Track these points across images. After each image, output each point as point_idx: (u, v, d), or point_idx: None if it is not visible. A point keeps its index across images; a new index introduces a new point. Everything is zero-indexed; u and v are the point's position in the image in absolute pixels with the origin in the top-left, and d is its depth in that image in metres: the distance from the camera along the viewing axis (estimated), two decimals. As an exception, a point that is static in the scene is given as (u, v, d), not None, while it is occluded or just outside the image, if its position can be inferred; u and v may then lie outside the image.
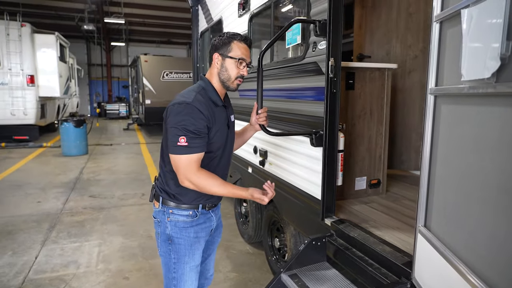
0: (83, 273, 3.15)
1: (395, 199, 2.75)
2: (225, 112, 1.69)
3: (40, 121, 10.37)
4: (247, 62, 1.63)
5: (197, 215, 1.69)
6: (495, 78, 0.92)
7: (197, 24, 5.58)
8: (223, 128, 1.66)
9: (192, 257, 1.70)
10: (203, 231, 1.73)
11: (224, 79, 1.63)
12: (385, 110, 2.74)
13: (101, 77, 22.94)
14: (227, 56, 1.60)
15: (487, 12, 0.94)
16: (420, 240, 1.40)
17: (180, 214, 1.67)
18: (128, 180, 6.39)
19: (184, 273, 1.70)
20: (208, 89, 1.63)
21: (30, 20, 10.88)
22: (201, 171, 1.52)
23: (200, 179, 1.50)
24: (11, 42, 9.37)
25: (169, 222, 1.67)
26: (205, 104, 1.55)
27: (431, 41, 1.33)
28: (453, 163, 1.21)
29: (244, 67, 1.63)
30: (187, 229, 1.68)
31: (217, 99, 1.63)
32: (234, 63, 1.60)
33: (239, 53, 1.60)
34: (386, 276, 1.72)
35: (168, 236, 1.68)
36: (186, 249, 1.68)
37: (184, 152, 1.48)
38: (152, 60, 12.86)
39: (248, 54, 1.64)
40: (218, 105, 1.63)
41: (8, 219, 4.40)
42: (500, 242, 0.94)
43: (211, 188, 1.51)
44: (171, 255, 1.69)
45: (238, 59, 1.60)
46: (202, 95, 1.59)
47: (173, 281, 1.71)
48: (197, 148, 1.50)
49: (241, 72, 1.63)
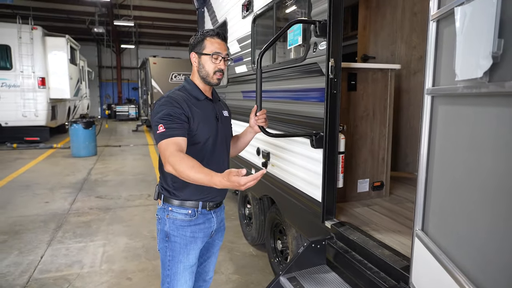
0: (87, 273, 3.17)
1: (398, 201, 2.70)
2: (211, 105, 1.74)
3: (51, 122, 10.56)
4: (222, 55, 1.66)
5: (196, 214, 1.70)
6: (488, 77, 0.89)
7: (203, 26, 5.61)
8: (209, 121, 1.68)
9: (186, 257, 1.70)
10: (201, 232, 1.72)
11: (203, 75, 1.68)
12: (388, 112, 2.70)
13: (111, 79, 23.25)
14: (202, 53, 1.66)
15: (480, 9, 0.91)
16: (417, 244, 1.37)
17: (178, 212, 1.68)
18: (135, 181, 6.44)
19: (177, 272, 1.70)
20: (189, 87, 1.70)
21: (42, 24, 11.10)
22: (180, 153, 1.46)
23: (176, 158, 1.41)
24: (23, 45, 9.57)
25: (167, 219, 1.69)
26: (183, 98, 1.62)
27: (428, 41, 1.30)
28: (449, 166, 1.18)
29: (221, 61, 1.66)
30: (184, 228, 1.68)
31: (199, 93, 1.69)
32: (210, 59, 1.65)
33: (213, 48, 1.64)
34: (385, 280, 1.69)
35: (166, 233, 1.70)
36: (181, 248, 1.69)
37: (163, 138, 1.50)
38: (161, 62, 12.98)
39: (222, 48, 1.67)
40: (200, 99, 1.68)
41: (16, 219, 4.47)
42: (495, 247, 0.91)
43: (185, 170, 1.39)
44: (167, 252, 1.71)
45: (212, 54, 1.64)
46: (183, 91, 1.67)
47: (167, 278, 1.72)
48: (174, 130, 1.51)
49: (218, 66, 1.66)
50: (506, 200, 0.87)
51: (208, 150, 1.68)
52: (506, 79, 0.84)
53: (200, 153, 1.65)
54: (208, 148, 1.68)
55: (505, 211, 0.87)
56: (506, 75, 0.84)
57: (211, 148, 1.69)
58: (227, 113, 1.87)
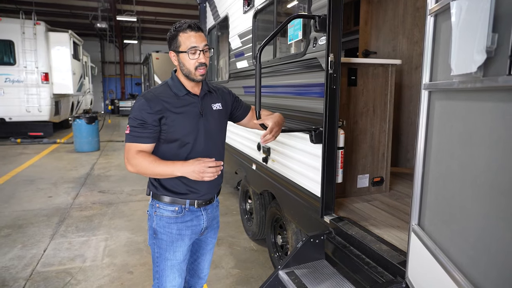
0: (89, 266, 3.21)
1: (398, 197, 2.70)
2: (194, 101, 1.65)
3: (54, 117, 10.60)
4: (200, 48, 1.55)
5: (183, 211, 1.67)
6: (482, 72, 0.89)
7: (204, 21, 5.60)
8: (188, 117, 1.61)
9: (173, 254, 1.69)
10: (188, 229, 1.69)
11: (186, 73, 1.59)
12: (389, 107, 2.69)
13: (115, 75, 23.30)
14: (178, 51, 1.56)
15: (475, 3, 0.91)
16: (413, 239, 1.37)
17: (165, 209, 1.66)
18: (137, 176, 6.46)
19: (165, 269, 1.70)
20: (171, 83, 1.64)
21: (45, 19, 11.13)
22: (140, 153, 1.55)
23: (136, 160, 1.53)
24: (26, 41, 9.59)
25: (155, 216, 1.68)
26: (160, 95, 1.58)
27: (426, 35, 1.30)
28: (445, 161, 1.18)
29: (200, 55, 1.55)
30: (170, 225, 1.67)
31: (180, 89, 1.62)
32: (187, 55, 1.54)
33: (188, 43, 1.53)
34: (382, 275, 1.69)
35: (154, 230, 1.70)
36: (167, 245, 1.67)
37: (127, 140, 1.57)
38: (163, 57, 12.99)
39: (199, 40, 1.55)
40: (180, 96, 1.61)
41: (20, 213, 4.51)
42: (486, 242, 0.92)
43: (146, 168, 1.53)
44: (155, 249, 1.71)
45: (188, 50, 1.54)
46: (165, 86, 1.64)
47: (156, 274, 1.73)
48: (138, 138, 1.55)
49: (199, 61, 1.56)
50: (498, 195, 0.87)
51: (189, 147, 1.62)
52: (500, 73, 0.83)
53: (180, 148, 1.61)
54: (190, 145, 1.62)
55: (497, 206, 0.87)
56: (500, 69, 0.83)
57: (192, 146, 1.62)
58: (220, 105, 1.75)
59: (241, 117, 1.93)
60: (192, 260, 1.92)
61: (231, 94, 1.89)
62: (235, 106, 1.89)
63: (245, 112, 1.93)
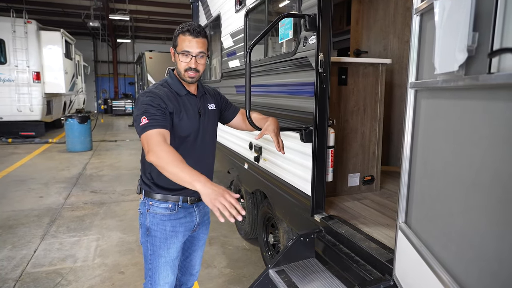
0: (80, 267, 3.18)
1: (388, 195, 2.72)
2: (195, 100, 1.70)
3: (46, 117, 10.50)
4: (193, 54, 1.57)
5: (177, 208, 1.69)
6: (464, 70, 0.90)
7: (197, 20, 5.58)
8: (190, 117, 1.65)
9: (167, 251, 1.70)
10: (181, 226, 1.72)
11: (178, 72, 1.65)
12: (379, 106, 2.70)
13: (108, 74, 23.13)
14: (176, 51, 1.62)
15: (457, 2, 0.92)
16: (400, 237, 1.38)
17: (158, 207, 1.68)
18: (130, 176, 6.44)
19: (158, 266, 1.70)
20: (171, 82, 1.67)
21: (36, 18, 11.02)
22: (166, 144, 1.42)
23: (162, 148, 1.39)
24: (17, 39, 9.49)
25: (148, 213, 1.69)
26: (164, 92, 1.60)
27: (412, 34, 1.30)
28: (430, 159, 1.19)
29: (191, 59, 1.58)
30: (164, 222, 1.68)
31: (180, 88, 1.66)
32: (179, 57, 1.60)
33: (183, 46, 1.57)
34: (371, 272, 1.71)
35: (147, 228, 1.70)
36: (161, 242, 1.69)
37: (147, 129, 1.45)
38: (157, 56, 12.92)
39: (195, 45, 1.57)
40: (181, 95, 1.65)
41: (10, 213, 4.47)
42: (469, 237, 0.93)
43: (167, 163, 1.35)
44: (148, 247, 1.71)
45: (180, 52, 1.59)
46: (165, 86, 1.65)
47: (149, 272, 1.73)
48: (158, 121, 1.47)
49: (190, 65, 1.59)
50: (480, 193, 0.88)
51: (188, 145, 1.66)
52: (480, 72, 0.84)
53: (180, 145, 1.63)
54: (189, 144, 1.66)
55: (479, 203, 0.88)
56: (481, 68, 0.84)
57: (192, 143, 1.67)
58: (213, 106, 1.81)
59: (229, 118, 1.97)
60: (184, 257, 1.93)
61: (220, 94, 1.95)
62: (224, 107, 1.94)
63: (233, 113, 1.97)
